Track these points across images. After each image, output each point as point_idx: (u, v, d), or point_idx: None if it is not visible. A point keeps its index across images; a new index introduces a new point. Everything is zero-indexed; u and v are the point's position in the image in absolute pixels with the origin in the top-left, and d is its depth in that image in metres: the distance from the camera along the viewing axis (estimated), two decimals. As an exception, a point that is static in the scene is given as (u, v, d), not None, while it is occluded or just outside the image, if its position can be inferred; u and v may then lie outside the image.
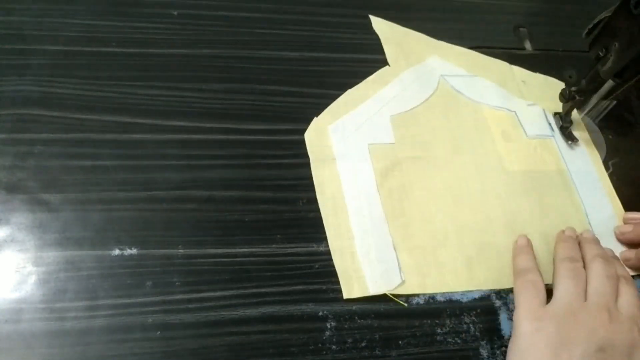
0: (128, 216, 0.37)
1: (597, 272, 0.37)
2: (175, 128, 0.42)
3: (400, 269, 0.38)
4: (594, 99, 0.45)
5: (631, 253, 0.41)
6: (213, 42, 0.47)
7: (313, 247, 0.38)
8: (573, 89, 0.47)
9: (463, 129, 0.46)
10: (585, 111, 0.47)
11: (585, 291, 0.36)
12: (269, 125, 0.43)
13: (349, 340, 0.36)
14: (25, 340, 0.32)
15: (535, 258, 0.39)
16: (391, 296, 0.37)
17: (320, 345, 0.35)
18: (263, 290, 0.36)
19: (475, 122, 0.47)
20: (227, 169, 0.41)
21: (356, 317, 0.36)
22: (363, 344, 0.36)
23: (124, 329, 0.33)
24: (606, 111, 0.48)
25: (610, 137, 0.49)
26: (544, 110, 0.49)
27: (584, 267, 0.38)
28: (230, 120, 0.43)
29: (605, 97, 0.44)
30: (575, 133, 0.48)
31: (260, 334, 0.35)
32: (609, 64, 0.41)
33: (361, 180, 0.41)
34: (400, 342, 0.36)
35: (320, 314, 0.36)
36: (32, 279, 0.34)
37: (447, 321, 0.37)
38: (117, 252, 0.36)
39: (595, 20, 0.42)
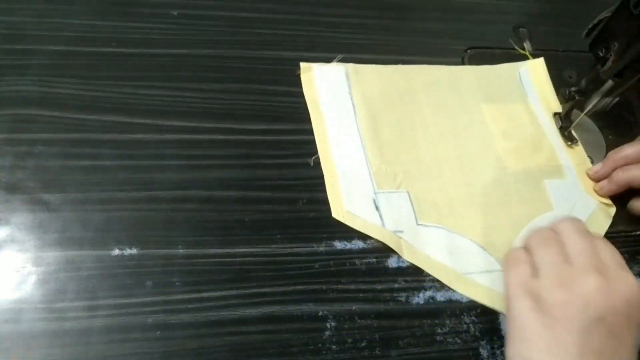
0: (128, 216, 0.37)
1: (569, 231, 0.35)
2: (175, 128, 0.42)
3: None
4: (594, 99, 0.45)
5: (604, 182, 0.43)
6: (213, 42, 0.47)
7: (313, 247, 0.38)
8: (573, 89, 0.47)
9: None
10: (585, 111, 0.47)
11: (566, 254, 0.34)
12: (269, 125, 0.43)
13: (349, 340, 0.36)
14: (25, 340, 0.32)
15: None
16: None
17: (320, 345, 0.35)
18: (263, 290, 0.36)
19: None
20: (226, 169, 0.41)
21: (356, 317, 0.36)
22: (363, 344, 0.36)
23: (124, 329, 0.34)
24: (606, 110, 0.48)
25: (610, 137, 0.48)
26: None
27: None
28: (230, 120, 0.43)
29: (605, 95, 0.44)
30: (575, 133, 0.48)
31: (260, 334, 0.35)
32: (609, 64, 0.41)
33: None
34: (400, 342, 0.36)
35: (320, 314, 0.36)
36: (32, 279, 0.34)
37: (447, 321, 0.37)
38: (117, 252, 0.36)
39: (595, 20, 0.42)
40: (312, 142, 0.43)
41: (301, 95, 0.45)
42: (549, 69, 0.50)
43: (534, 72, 0.50)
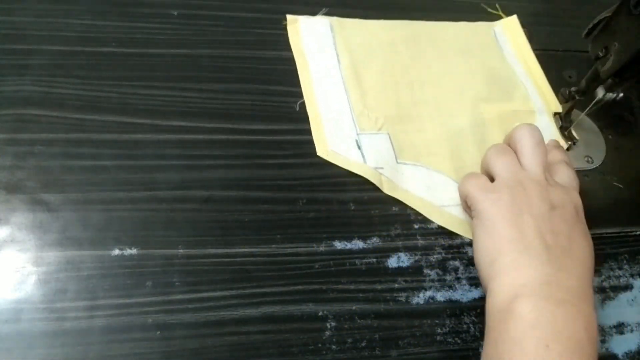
0: (128, 216, 0.37)
1: (525, 139, 0.38)
2: (175, 128, 0.42)
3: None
4: (594, 99, 0.45)
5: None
6: (213, 42, 0.47)
7: (313, 247, 0.38)
8: (573, 89, 0.47)
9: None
10: (585, 111, 0.47)
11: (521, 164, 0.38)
12: (269, 125, 0.43)
13: (349, 340, 0.36)
14: (25, 340, 0.32)
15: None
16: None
17: (320, 345, 0.35)
18: (263, 290, 0.36)
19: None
20: (227, 169, 0.41)
21: (356, 317, 0.36)
22: (363, 344, 0.36)
23: (124, 329, 0.34)
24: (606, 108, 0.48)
25: (610, 137, 0.48)
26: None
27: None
28: (230, 120, 0.43)
29: (606, 92, 0.44)
30: (575, 133, 0.48)
31: (260, 334, 0.35)
32: (609, 64, 0.41)
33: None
34: (400, 342, 0.36)
35: (320, 314, 0.36)
36: (32, 279, 0.34)
37: (447, 321, 0.37)
38: (117, 252, 0.36)
39: (595, 20, 0.42)
40: (312, 142, 0.43)
41: (301, 95, 0.45)
42: (549, 69, 0.50)
43: (508, 29, 0.53)
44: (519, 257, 0.33)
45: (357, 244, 0.39)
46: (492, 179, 0.39)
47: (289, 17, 0.49)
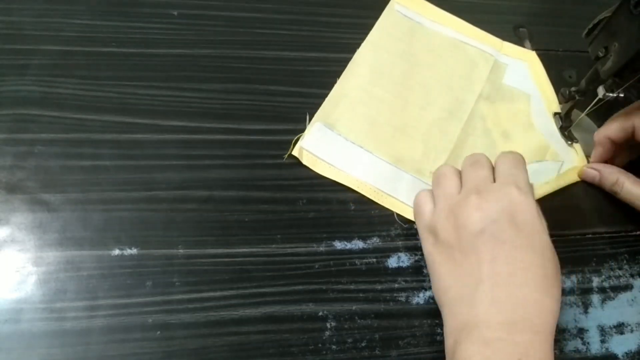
0: (128, 216, 0.37)
1: (465, 164, 0.37)
2: (175, 128, 0.42)
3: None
4: (594, 99, 0.45)
5: (595, 173, 0.45)
6: (213, 42, 0.47)
7: (313, 247, 0.39)
8: (573, 89, 0.47)
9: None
10: (585, 111, 0.47)
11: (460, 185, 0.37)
12: (269, 125, 0.43)
13: (349, 340, 0.36)
14: (25, 340, 0.32)
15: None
16: None
17: (320, 345, 0.35)
18: (263, 290, 0.36)
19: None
20: (227, 169, 0.41)
21: (356, 317, 0.36)
22: (363, 344, 0.36)
23: (124, 329, 0.34)
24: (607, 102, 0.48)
25: (610, 137, 0.48)
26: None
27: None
28: (230, 120, 0.43)
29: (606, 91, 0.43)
30: (575, 133, 0.48)
31: (260, 334, 0.35)
32: (608, 64, 0.41)
33: None
34: (400, 342, 0.36)
35: (320, 314, 0.36)
36: (32, 279, 0.34)
37: (447, 321, 0.37)
38: (117, 252, 0.36)
39: (595, 20, 0.42)
40: (312, 142, 0.43)
41: (301, 95, 0.45)
42: (549, 69, 0.50)
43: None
44: (456, 298, 0.33)
45: (357, 244, 0.39)
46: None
47: None
